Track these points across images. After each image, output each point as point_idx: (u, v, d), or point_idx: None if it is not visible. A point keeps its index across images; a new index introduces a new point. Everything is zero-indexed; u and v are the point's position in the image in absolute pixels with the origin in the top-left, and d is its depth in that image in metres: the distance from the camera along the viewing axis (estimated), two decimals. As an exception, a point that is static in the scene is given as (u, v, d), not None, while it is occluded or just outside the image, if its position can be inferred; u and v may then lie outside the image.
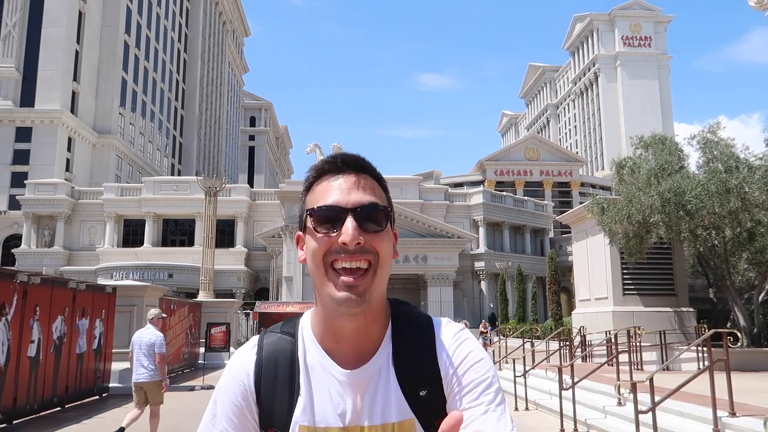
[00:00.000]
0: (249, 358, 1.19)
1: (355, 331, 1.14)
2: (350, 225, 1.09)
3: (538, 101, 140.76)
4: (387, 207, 1.16)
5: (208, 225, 28.99)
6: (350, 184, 1.14)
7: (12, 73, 58.51)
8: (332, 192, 1.13)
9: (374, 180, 1.18)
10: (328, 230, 1.10)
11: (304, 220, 1.16)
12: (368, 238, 1.10)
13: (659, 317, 17.94)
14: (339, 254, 1.09)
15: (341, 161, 1.17)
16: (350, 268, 1.09)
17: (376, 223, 1.12)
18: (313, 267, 1.13)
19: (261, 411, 1.15)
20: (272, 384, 1.15)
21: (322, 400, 1.13)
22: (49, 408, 11.71)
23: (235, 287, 46.41)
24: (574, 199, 70.90)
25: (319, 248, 1.11)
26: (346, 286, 1.08)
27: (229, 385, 1.17)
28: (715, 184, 14.65)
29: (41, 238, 49.84)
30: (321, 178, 1.17)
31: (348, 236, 1.08)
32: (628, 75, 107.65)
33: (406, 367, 1.14)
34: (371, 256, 1.10)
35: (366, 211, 1.11)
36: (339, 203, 1.11)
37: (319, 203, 1.13)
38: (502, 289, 45.44)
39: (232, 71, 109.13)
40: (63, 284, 12.62)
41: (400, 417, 1.12)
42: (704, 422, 7.67)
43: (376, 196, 1.15)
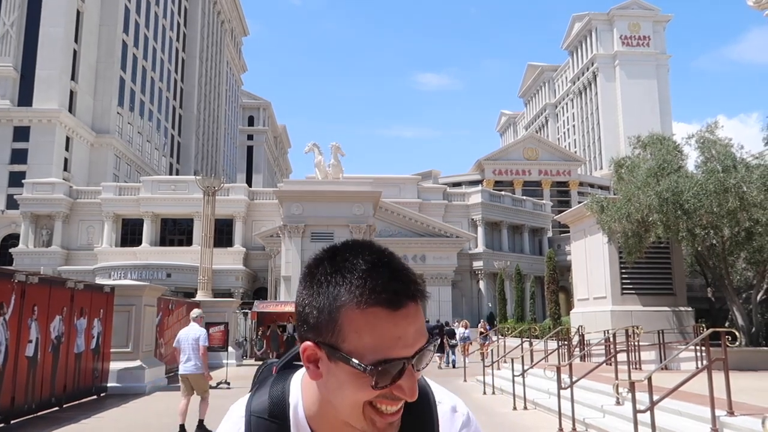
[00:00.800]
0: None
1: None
2: (412, 378, 0.93)
3: (537, 101, 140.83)
4: (431, 339, 0.97)
5: (206, 224, 28.96)
6: (413, 329, 0.94)
7: (10, 72, 58.42)
8: (398, 341, 0.92)
9: (422, 297, 0.98)
10: (385, 384, 0.92)
11: (342, 357, 0.92)
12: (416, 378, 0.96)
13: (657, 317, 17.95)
14: (386, 399, 0.93)
15: (401, 288, 0.94)
16: (394, 411, 0.95)
17: (424, 361, 0.96)
18: (346, 406, 0.95)
19: None
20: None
21: None
22: (47, 408, 11.69)
23: (234, 287, 46.39)
24: (573, 198, 70.95)
25: (367, 396, 0.93)
26: (388, 424, 0.95)
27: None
28: (713, 183, 14.67)
29: (39, 237, 49.77)
30: (371, 309, 0.92)
31: (411, 392, 0.93)
32: (626, 74, 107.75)
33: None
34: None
35: (422, 358, 0.95)
36: (405, 356, 0.92)
37: (382, 355, 0.91)
38: (500, 289, 45.46)
39: (230, 70, 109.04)
40: (61, 284, 12.60)
41: None
42: (703, 421, 7.67)
43: (423, 324, 0.97)
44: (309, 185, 40.87)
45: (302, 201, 39.80)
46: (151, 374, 15.67)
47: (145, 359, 15.75)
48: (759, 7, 16.95)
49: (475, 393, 15.04)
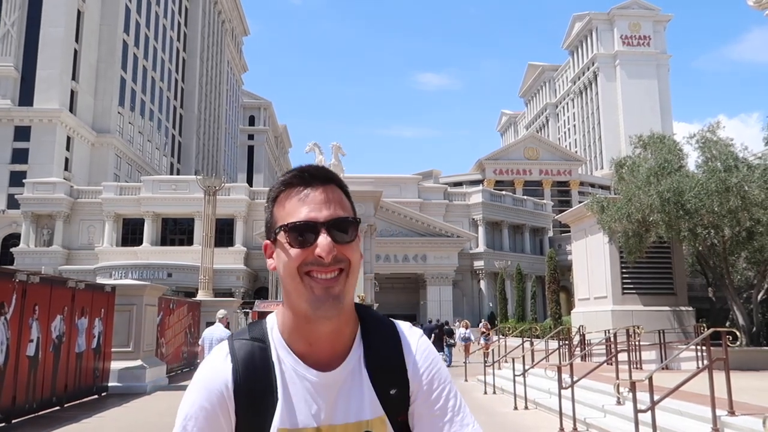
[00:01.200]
0: (225, 366, 1.19)
1: (330, 334, 1.20)
2: (325, 240, 1.15)
3: (537, 100, 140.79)
4: (356, 218, 1.22)
5: (207, 224, 28.98)
6: (321, 198, 1.19)
7: (10, 72, 58.45)
8: (304, 207, 1.18)
9: (341, 190, 1.24)
10: (303, 244, 1.16)
11: (275, 232, 1.20)
12: (340, 249, 1.16)
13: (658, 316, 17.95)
14: (314, 266, 1.15)
15: (309, 175, 1.21)
16: (326, 278, 1.15)
17: (347, 234, 1.18)
18: (286, 277, 1.17)
19: (238, 419, 1.17)
20: (251, 392, 1.17)
21: (298, 403, 1.17)
22: (48, 407, 11.69)
23: (235, 286, 46.40)
24: (574, 198, 70.94)
25: (293, 261, 1.15)
26: (324, 288, 1.14)
27: (204, 395, 1.17)
28: (714, 183, 14.66)
29: (40, 237, 49.80)
30: (289, 191, 1.21)
31: (324, 250, 1.14)
32: (627, 74, 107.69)
33: (377, 368, 1.22)
34: (344, 264, 1.17)
35: (338, 224, 1.17)
36: (314, 219, 1.16)
37: (292, 218, 1.17)
38: (501, 288, 45.44)
39: (231, 70, 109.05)
40: (62, 283, 12.61)
41: (372, 414, 1.20)
42: (703, 421, 7.67)
43: (345, 208, 1.21)
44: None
45: (303, 201, 39.77)
46: (152, 374, 15.68)
47: (146, 359, 15.76)
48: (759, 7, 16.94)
49: (476, 392, 15.05)
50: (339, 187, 1.24)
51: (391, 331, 1.28)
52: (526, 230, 56.06)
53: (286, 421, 1.16)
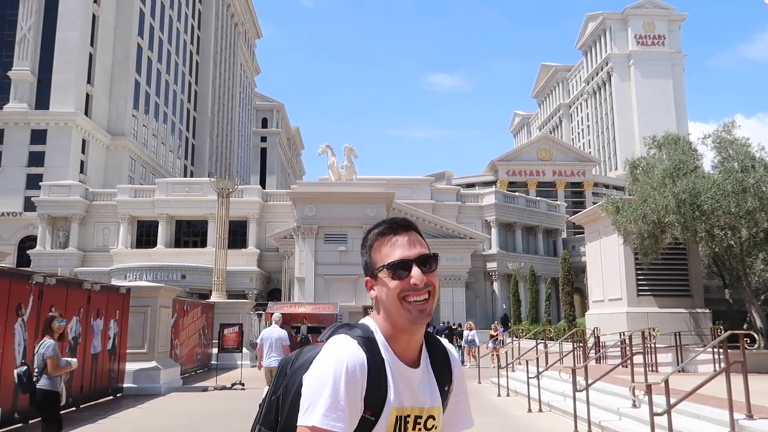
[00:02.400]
0: (360, 353, 1.53)
1: (417, 340, 1.64)
2: (418, 272, 1.58)
3: (551, 101, 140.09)
4: (437, 254, 1.64)
5: (220, 226, 29.15)
6: (407, 241, 1.62)
7: (27, 76, 59.20)
8: (398, 249, 1.61)
9: (418, 234, 1.66)
10: (401, 277, 1.58)
11: (376, 271, 1.61)
12: (428, 277, 1.59)
13: (674, 318, 17.76)
14: (410, 291, 1.57)
15: (396, 225, 1.66)
16: (420, 300, 1.57)
17: (431, 266, 1.61)
18: (389, 302, 1.59)
19: (367, 397, 1.51)
20: (376, 377, 1.53)
21: (402, 389, 1.57)
22: (64, 408, 11.77)
23: (248, 288, 46.60)
24: (587, 199, 70.46)
25: (395, 290, 1.57)
26: (419, 310, 1.57)
27: (348, 374, 1.48)
28: (731, 183, 14.49)
29: (56, 239, 50.36)
30: (382, 240, 1.64)
31: (418, 279, 1.58)
32: (641, 74, 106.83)
33: (438, 370, 1.68)
34: (431, 288, 1.60)
35: (424, 259, 1.61)
36: (407, 257, 1.59)
37: (390, 259, 1.60)
38: (514, 290, 45.22)
39: (244, 73, 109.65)
40: (78, 285, 12.73)
41: (436, 403, 1.65)
42: (721, 425, 7.58)
43: (426, 247, 1.64)
44: (322, 187, 40.95)
45: (316, 202, 39.88)
46: (166, 375, 15.78)
47: (160, 360, 15.86)
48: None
49: (489, 395, 14.98)
50: (417, 232, 1.66)
51: (439, 341, 1.74)
52: (540, 231, 55.76)
53: (395, 400, 1.55)
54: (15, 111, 58.08)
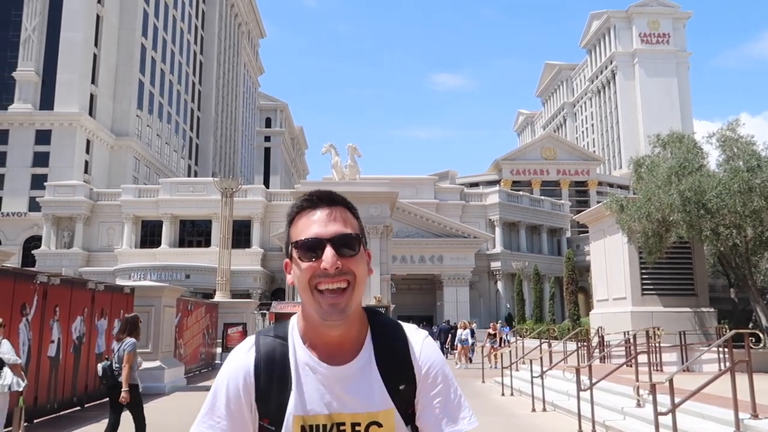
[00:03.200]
0: (249, 357, 1.38)
1: (338, 336, 1.37)
2: (329, 253, 1.31)
3: (555, 100, 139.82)
4: (359, 234, 1.38)
5: (224, 226, 29.18)
6: (326, 217, 1.36)
7: (31, 76, 59.41)
8: (312, 225, 1.35)
9: (346, 210, 1.40)
10: (311, 259, 1.33)
11: (290, 250, 1.37)
12: (345, 262, 1.32)
13: (679, 318, 17.69)
14: (322, 278, 1.31)
15: (317, 198, 1.40)
16: (332, 288, 1.31)
17: (351, 249, 1.34)
18: (300, 289, 1.35)
19: (259, 404, 1.35)
20: (269, 381, 1.35)
21: (311, 393, 1.34)
22: (69, 407, 11.84)
23: (252, 288, 46.66)
24: (592, 198, 70.31)
25: (304, 275, 1.33)
26: (330, 305, 1.30)
27: (230, 380, 1.36)
28: (737, 182, 14.42)
29: (60, 239, 50.52)
30: (301, 213, 1.39)
31: (328, 263, 1.30)
32: (646, 72, 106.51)
33: (387, 366, 1.38)
34: (350, 277, 1.32)
35: (342, 240, 1.34)
36: (319, 235, 1.33)
37: (302, 236, 1.35)
38: (518, 290, 45.18)
39: (247, 73, 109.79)
40: (82, 285, 12.76)
41: (381, 407, 1.36)
42: (726, 424, 7.54)
43: (349, 224, 1.38)
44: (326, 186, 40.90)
45: (319, 202, 39.86)
46: (170, 374, 15.80)
47: (164, 360, 15.89)
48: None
49: (493, 394, 14.95)
50: (346, 207, 1.41)
51: (399, 333, 1.44)
52: (544, 231, 55.65)
53: (299, 408, 1.33)
54: (20, 111, 58.31)
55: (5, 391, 7.34)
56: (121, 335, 8.34)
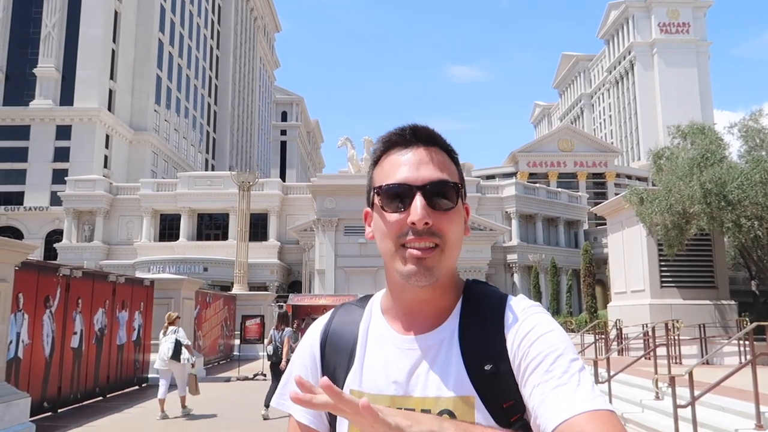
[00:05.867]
0: (320, 325, 1.24)
1: (423, 303, 1.12)
2: (419, 203, 1.05)
3: (572, 91, 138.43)
4: (458, 183, 1.11)
5: (241, 219, 29.40)
6: (420, 158, 1.09)
7: (52, 73, 60.15)
8: (401, 167, 1.09)
9: (445, 153, 1.14)
10: (397, 209, 1.07)
11: (372, 197, 1.13)
12: (437, 219, 1.06)
13: (698, 310, 17.52)
14: (408, 236, 1.05)
15: (410, 133, 1.12)
16: (419, 246, 1.05)
17: (446, 200, 1.08)
18: (381, 244, 1.10)
19: (324, 372, 1.18)
20: (334, 349, 1.18)
21: (376, 366, 1.12)
22: (91, 397, 12.06)
23: (269, 280, 46.98)
24: (609, 190, 69.61)
25: (389, 229, 1.08)
26: (415, 259, 1.05)
27: (301, 348, 1.24)
28: (759, 173, 14.22)
29: (81, 233, 51.24)
30: (389, 151, 1.13)
31: (417, 215, 1.04)
32: (665, 63, 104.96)
33: (471, 342, 1.08)
34: (438, 239, 1.06)
35: (436, 188, 1.07)
36: (408, 180, 1.07)
37: (388, 180, 1.09)
38: (535, 282, 44.99)
39: (263, 66, 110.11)
40: (103, 278, 12.96)
41: (457, 392, 1.06)
42: (746, 417, 7.47)
43: (447, 171, 1.11)
44: (342, 179, 41.05)
45: (335, 195, 39.98)
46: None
47: (184, 351, 16.09)
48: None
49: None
50: (444, 149, 1.14)
51: (495, 304, 1.13)
52: (561, 223, 55.29)
53: (359, 382, 1.13)
54: (40, 107, 59.11)
55: (186, 363, 10.67)
56: (279, 326, 11.29)
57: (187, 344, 10.81)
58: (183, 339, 10.76)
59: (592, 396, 0.94)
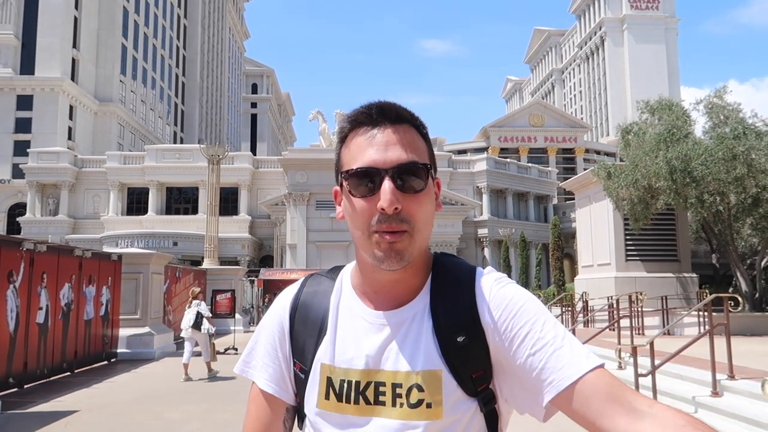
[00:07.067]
0: (290, 295, 1.22)
1: (394, 283, 1.11)
2: (388, 188, 1.02)
3: (543, 66, 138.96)
4: (428, 163, 1.08)
5: (211, 193, 29.04)
6: (387, 139, 1.06)
7: (11, 40, 57.89)
8: (368, 149, 1.06)
9: (414, 129, 1.10)
10: (366, 193, 1.04)
11: (340, 180, 1.10)
12: (406, 203, 1.04)
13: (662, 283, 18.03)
14: (377, 222, 1.03)
15: (377, 111, 1.08)
16: (390, 231, 1.04)
17: (416, 181, 1.05)
18: (351, 229, 1.09)
19: (292, 345, 1.17)
20: (304, 321, 1.17)
21: (346, 340, 1.12)
22: (59, 373, 11.93)
23: (240, 255, 46.69)
24: (579, 165, 70.58)
25: (358, 216, 1.06)
26: (387, 243, 1.03)
27: (269, 317, 1.22)
28: (722, 150, 14.57)
29: (46, 206, 50.03)
30: (356, 131, 1.09)
31: (386, 201, 1.02)
32: (634, 39, 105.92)
33: (443, 315, 1.08)
34: (407, 225, 1.04)
35: (404, 170, 1.04)
36: (376, 164, 1.04)
37: (355, 164, 1.06)
38: (505, 256, 45.63)
39: (232, 37, 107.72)
40: (69, 252, 12.71)
41: (426, 366, 1.05)
42: (703, 385, 7.78)
43: (416, 150, 1.07)
44: (313, 153, 40.74)
45: (307, 169, 39.70)
46: (159, 340, 15.92)
47: (153, 326, 15.98)
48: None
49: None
50: (413, 125, 1.10)
51: (465, 277, 1.13)
52: (531, 198, 55.96)
53: (329, 356, 1.11)
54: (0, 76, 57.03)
55: (207, 333, 11.90)
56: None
57: (207, 316, 12.07)
58: (204, 311, 12.03)
59: (587, 354, 1.00)
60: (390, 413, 1.05)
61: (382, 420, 1.05)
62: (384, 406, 1.06)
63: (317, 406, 1.11)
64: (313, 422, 1.12)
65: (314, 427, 1.12)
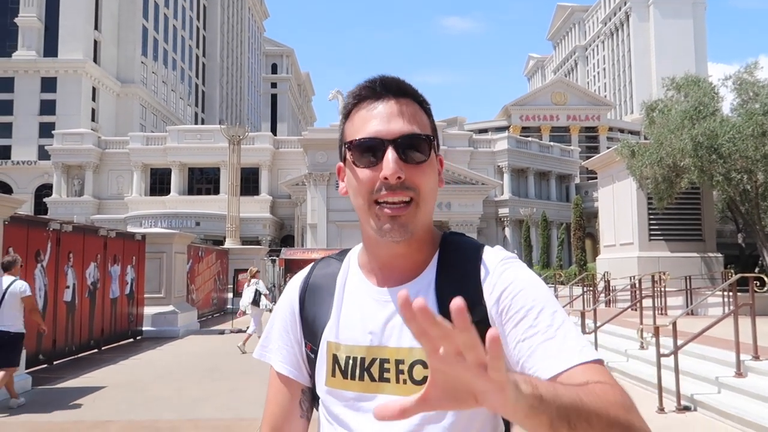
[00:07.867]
0: (300, 279, 1.26)
1: (398, 257, 1.12)
2: (391, 157, 1.03)
3: (566, 43, 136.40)
4: (430, 135, 1.09)
5: (232, 173, 29.23)
6: (390, 111, 1.08)
7: (34, 22, 58.48)
8: (371, 121, 1.07)
9: (417, 104, 1.12)
10: (369, 164, 1.06)
11: (343, 152, 1.12)
12: (410, 173, 1.05)
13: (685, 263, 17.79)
14: (381, 191, 1.05)
15: (380, 85, 1.10)
16: (393, 201, 1.05)
17: (419, 153, 1.07)
18: (354, 201, 1.11)
19: (303, 327, 1.20)
20: (312, 303, 1.20)
21: (352, 318, 1.13)
22: (86, 350, 12.22)
23: (261, 234, 47.10)
24: (602, 144, 69.52)
25: (361, 186, 1.07)
26: (389, 217, 1.05)
27: (282, 302, 1.26)
28: (751, 126, 14.22)
29: (71, 187, 50.87)
30: (359, 105, 1.11)
31: (390, 170, 1.03)
32: (661, 14, 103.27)
33: (447, 292, 1.07)
34: (413, 193, 1.05)
35: (407, 141, 1.06)
36: (379, 134, 1.06)
37: (358, 135, 1.08)
38: (526, 236, 45.36)
39: (252, 17, 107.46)
40: (94, 232, 12.94)
41: None
42: (727, 365, 7.69)
43: (418, 123, 1.09)
44: (333, 133, 40.69)
45: (327, 149, 39.74)
46: (183, 318, 16.20)
47: (177, 304, 16.25)
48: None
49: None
50: (416, 100, 1.12)
51: (471, 255, 1.13)
52: (552, 177, 55.38)
53: (335, 333, 1.13)
54: (24, 59, 57.73)
55: (264, 309, 12.64)
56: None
57: (265, 293, 12.91)
58: (262, 289, 12.91)
59: (580, 348, 0.95)
60: (395, 390, 1.05)
61: (387, 397, 1.04)
62: (389, 383, 1.06)
63: (325, 384, 1.13)
64: (323, 401, 1.14)
65: (324, 406, 1.14)
